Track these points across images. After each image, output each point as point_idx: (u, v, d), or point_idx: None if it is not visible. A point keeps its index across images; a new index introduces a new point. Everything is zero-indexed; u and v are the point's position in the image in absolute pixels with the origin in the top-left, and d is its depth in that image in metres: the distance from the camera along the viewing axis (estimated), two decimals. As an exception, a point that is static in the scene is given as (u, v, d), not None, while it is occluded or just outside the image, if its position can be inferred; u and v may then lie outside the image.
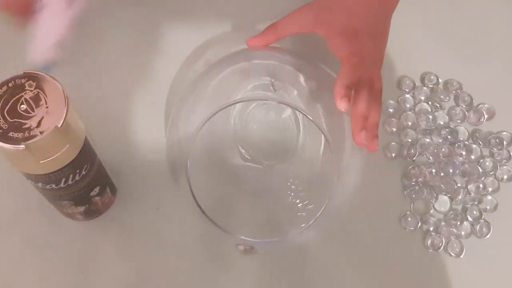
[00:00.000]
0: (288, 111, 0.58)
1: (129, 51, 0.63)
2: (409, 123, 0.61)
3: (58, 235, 0.55)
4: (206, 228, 0.53)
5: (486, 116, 0.61)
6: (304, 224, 0.53)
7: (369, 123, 0.52)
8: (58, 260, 0.54)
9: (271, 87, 0.53)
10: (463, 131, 0.61)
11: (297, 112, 0.56)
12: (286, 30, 0.57)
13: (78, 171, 0.46)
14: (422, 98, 0.62)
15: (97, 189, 0.51)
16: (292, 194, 0.57)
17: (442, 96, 0.62)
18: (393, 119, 0.62)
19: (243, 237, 0.54)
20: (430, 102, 0.62)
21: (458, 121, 0.62)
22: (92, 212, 0.54)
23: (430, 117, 0.61)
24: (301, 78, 0.55)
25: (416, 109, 0.62)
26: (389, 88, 0.57)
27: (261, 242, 0.54)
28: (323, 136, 0.51)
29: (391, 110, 0.62)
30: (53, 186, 0.46)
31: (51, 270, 0.54)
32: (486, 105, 0.62)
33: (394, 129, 0.61)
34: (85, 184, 0.48)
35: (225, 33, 0.64)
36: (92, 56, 0.63)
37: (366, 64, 0.54)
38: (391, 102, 0.62)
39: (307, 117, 0.50)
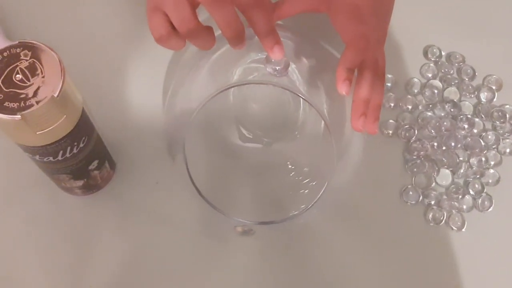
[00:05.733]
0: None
1: (129, 24, 0.62)
2: (409, 107, 0.60)
3: (57, 210, 0.55)
4: (205, 205, 0.52)
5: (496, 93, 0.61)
6: (304, 205, 0.53)
7: (372, 105, 0.51)
8: (57, 235, 0.54)
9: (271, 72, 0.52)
10: (468, 105, 0.60)
11: (298, 87, 0.55)
12: (289, 10, 0.55)
13: (75, 143, 0.45)
14: (430, 75, 0.61)
15: (95, 163, 0.50)
16: (294, 172, 0.56)
17: (446, 70, 0.61)
18: (391, 94, 0.61)
19: (240, 220, 0.53)
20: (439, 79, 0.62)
21: (472, 96, 0.61)
22: (91, 187, 0.53)
23: (436, 91, 0.60)
24: (302, 55, 0.54)
25: (426, 88, 0.61)
26: (390, 63, 0.56)
27: (260, 223, 0.53)
28: (324, 110, 0.50)
29: (389, 84, 0.61)
30: (51, 159, 0.45)
31: (50, 245, 0.54)
32: (494, 76, 0.61)
33: (392, 105, 0.60)
34: (83, 157, 0.48)
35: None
36: (91, 29, 0.62)
37: (371, 45, 0.52)
38: (389, 76, 0.61)
39: (302, 98, 0.49)
